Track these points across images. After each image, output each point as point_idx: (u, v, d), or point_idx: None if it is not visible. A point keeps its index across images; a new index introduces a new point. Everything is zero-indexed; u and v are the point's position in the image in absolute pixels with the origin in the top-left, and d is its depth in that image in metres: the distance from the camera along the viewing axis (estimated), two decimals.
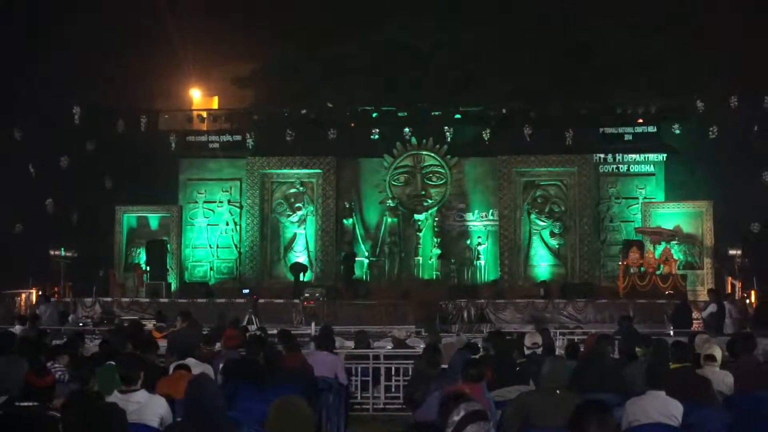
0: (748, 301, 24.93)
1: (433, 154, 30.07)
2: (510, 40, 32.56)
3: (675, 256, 26.99)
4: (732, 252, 26.81)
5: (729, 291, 25.86)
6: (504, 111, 29.76)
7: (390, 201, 29.82)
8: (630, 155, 29.42)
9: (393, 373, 14.45)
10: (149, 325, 18.49)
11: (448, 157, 29.96)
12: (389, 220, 29.88)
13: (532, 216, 29.61)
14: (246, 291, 25.17)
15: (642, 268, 25.97)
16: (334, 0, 34.12)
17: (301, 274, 28.21)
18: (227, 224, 30.66)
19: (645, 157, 29.37)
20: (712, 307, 21.42)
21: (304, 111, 30.54)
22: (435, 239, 29.42)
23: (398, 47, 33.05)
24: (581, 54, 32.34)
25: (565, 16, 33.10)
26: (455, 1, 33.65)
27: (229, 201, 30.71)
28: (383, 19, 33.63)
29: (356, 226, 30.26)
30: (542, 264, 29.55)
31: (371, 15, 33.69)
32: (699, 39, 30.62)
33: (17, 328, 16.39)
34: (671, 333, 18.32)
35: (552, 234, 29.56)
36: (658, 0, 32.29)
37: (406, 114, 30.42)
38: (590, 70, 32.16)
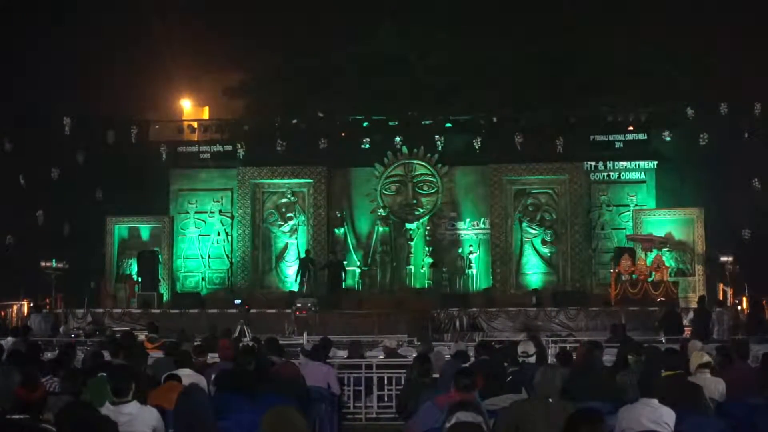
0: (740, 307, 24.97)
1: (424, 163, 30.00)
2: (499, 48, 32.53)
3: (666, 264, 26.98)
4: (723, 259, 26.77)
5: (720, 298, 25.89)
6: (494, 119, 29.76)
7: (381, 210, 29.76)
8: (621, 163, 29.39)
9: (385, 382, 14.47)
10: (141, 336, 18.44)
11: (439, 165, 29.87)
12: (381, 229, 29.82)
13: (524, 224, 29.56)
14: (238, 301, 25.05)
15: (633, 276, 25.95)
16: (324, 9, 34.07)
17: (310, 267, 28.02)
18: (218, 234, 30.53)
19: (636, 165, 29.35)
20: (691, 314, 21.70)
21: (294, 121, 30.55)
22: (426, 248, 29.33)
23: (388, 56, 32.96)
24: (571, 61, 32.33)
25: (555, 23, 33.12)
26: (444, 10, 33.65)
27: (220, 211, 30.59)
28: (373, 29, 33.61)
29: (348, 236, 30.20)
30: (534, 272, 29.49)
31: (361, 24, 33.69)
32: (689, 46, 30.73)
33: (9, 341, 16.32)
34: (663, 340, 18.37)
35: (543, 242, 29.52)
36: (648, 7, 32.30)
37: (396, 123, 30.34)
38: (580, 78, 32.14)
